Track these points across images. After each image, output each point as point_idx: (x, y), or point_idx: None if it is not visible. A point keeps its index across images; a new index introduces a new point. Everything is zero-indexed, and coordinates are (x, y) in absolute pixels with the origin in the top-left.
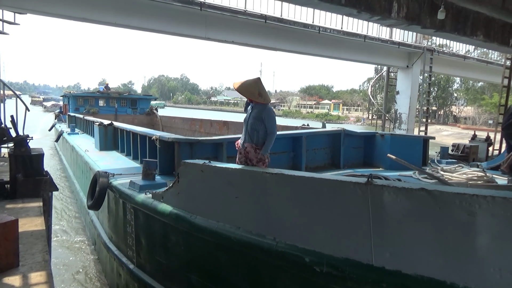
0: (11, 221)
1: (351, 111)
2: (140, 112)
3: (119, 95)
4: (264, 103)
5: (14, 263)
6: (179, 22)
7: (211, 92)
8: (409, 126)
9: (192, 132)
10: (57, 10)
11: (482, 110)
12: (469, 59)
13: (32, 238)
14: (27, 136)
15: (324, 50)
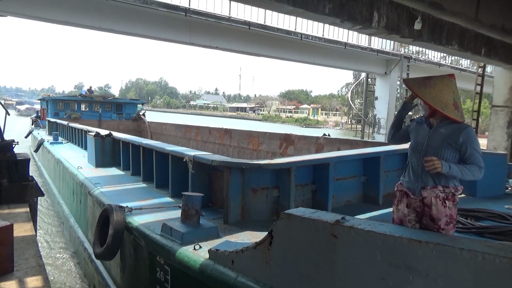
0: (6, 226)
1: (330, 115)
2: (126, 117)
3: (104, 99)
4: (459, 120)
5: (9, 268)
6: (164, 27)
7: (190, 96)
8: (387, 131)
9: (187, 141)
10: (40, 14)
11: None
12: (443, 66)
13: (23, 243)
14: (13, 141)
15: (306, 57)
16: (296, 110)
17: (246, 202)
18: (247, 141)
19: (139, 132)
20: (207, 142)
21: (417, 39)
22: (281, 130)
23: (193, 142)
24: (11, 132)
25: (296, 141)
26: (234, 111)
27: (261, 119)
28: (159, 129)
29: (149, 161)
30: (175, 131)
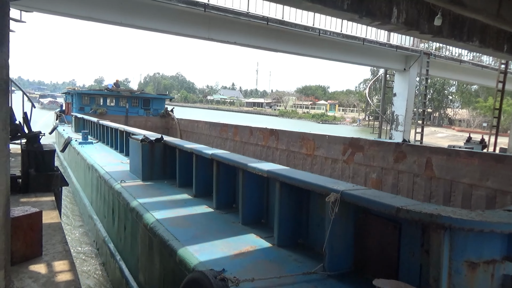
0: (35, 212)
1: (347, 112)
2: (153, 113)
3: (131, 94)
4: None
5: (38, 252)
6: (183, 23)
7: (207, 90)
8: (405, 128)
9: (222, 141)
10: (64, 9)
11: (476, 113)
12: (464, 63)
13: (50, 229)
14: (40, 132)
15: (324, 52)
16: (313, 106)
17: None
18: (299, 144)
19: (167, 129)
20: (247, 143)
21: (436, 35)
22: (298, 126)
23: (230, 142)
24: (36, 125)
25: (367, 147)
26: (250, 106)
27: (277, 115)
28: (190, 126)
29: (225, 182)
30: (208, 129)
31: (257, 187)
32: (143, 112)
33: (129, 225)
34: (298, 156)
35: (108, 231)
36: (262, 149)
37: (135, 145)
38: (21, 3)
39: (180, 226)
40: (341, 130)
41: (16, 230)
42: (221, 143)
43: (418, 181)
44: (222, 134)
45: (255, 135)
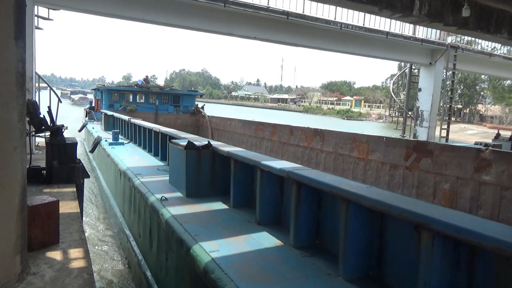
0: (53, 201)
1: (373, 108)
2: (183, 110)
3: (161, 90)
4: None
5: (55, 240)
6: (203, 18)
7: (232, 86)
8: (430, 124)
9: (258, 141)
10: (88, 7)
11: (510, 109)
12: (495, 56)
13: (68, 219)
14: (62, 125)
15: (346, 47)
16: (338, 102)
17: None
18: (349, 147)
19: (197, 127)
20: (286, 144)
21: (462, 27)
22: (322, 122)
23: (267, 143)
24: (66, 119)
25: (437, 152)
26: (275, 102)
27: (301, 111)
28: (222, 125)
29: (308, 206)
30: (242, 128)
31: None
32: (173, 109)
33: (173, 257)
34: (347, 160)
35: (144, 254)
36: (304, 151)
37: (178, 153)
38: (47, 1)
39: (254, 276)
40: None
41: (35, 218)
42: (257, 143)
43: (508, 196)
44: (258, 133)
45: (296, 135)
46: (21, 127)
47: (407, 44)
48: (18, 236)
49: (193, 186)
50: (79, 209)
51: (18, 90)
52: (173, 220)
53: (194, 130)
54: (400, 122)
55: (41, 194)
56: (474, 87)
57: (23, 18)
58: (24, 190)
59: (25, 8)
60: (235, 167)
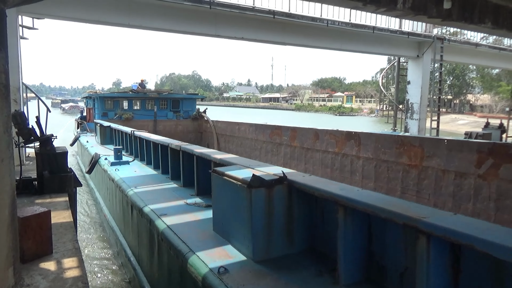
0: (44, 212)
1: (364, 102)
2: (184, 116)
3: (159, 95)
4: None
5: (48, 250)
6: (189, 21)
7: (223, 88)
8: (421, 116)
9: (274, 147)
10: (72, 14)
11: (499, 97)
12: (481, 46)
13: (62, 229)
14: (52, 135)
15: (333, 43)
16: (329, 99)
17: None
18: (395, 152)
19: (200, 133)
20: (311, 149)
21: (446, 19)
22: (315, 119)
23: (285, 149)
24: (59, 128)
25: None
26: (267, 101)
27: (294, 109)
28: (229, 130)
29: None
30: (254, 133)
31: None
32: (172, 115)
33: None
34: (394, 168)
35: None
36: (335, 157)
37: (233, 191)
38: (31, 10)
39: None
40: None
41: (26, 229)
42: (273, 149)
43: None
44: (274, 138)
45: (323, 139)
46: (7, 138)
47: (394, 37)
48: (9, 248)
49: (263, 243)
50: (72, 219)
51: (2, 102)
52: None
53: (196, 137)
54: (391, 115)
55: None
56: (463, 77)
57: (4, 29)
58: (14, 201)
59: (5, 19)
60: (345, 215)
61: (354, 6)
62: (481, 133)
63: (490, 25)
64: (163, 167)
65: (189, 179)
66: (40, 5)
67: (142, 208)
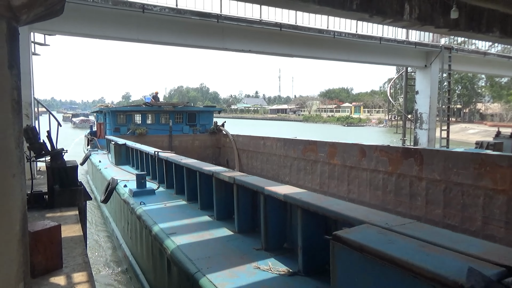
0: (54, 226)
1: (373, 113)
2: (201, 130)
3: (174, 108)
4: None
5: (58, 265)
6: (197, 35)
7: (230, 100)
8: (430, 126)
9: (308, 164)
10: (83, 30)
11: (509, 106)
12: (489, 55)
13: (71, 242)
14: (62, 149)
15: (340, 54)
16: (337, 109)
17: None
18: (474, 173)
19: (218, 148)
20: (356, 168)
21: (453, 29)
22: (323, 130)
23: (322, 167)
24: (70, 142)
25: None
26: (274, 113)
27: (301, 120)
28: (252, 145)
29: None
30: (283, 148)
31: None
32: (189, 129)
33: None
34: (472, 192)
35: None
36: (388, 178)
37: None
38: (43, 27)
39: None
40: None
41: (37, 243)
42: (306, 166)
43: None
44: (308, 154)
45: (372, 156)
46: (19, 154)
47: (401, 48)
48: (20, 263)
49: None
50: (82, 232)
51: (14, 117)
52: None
53: (215, 152)
54: (400, 125)
55: (44, 219)
56: (472, 86)
57: (17, 46)
58: (25, 216)
59: (18, 36)
60: None
61: (360, 17)
62: (492, 142)
63: (498, 34)
64: (202, 202)
65: (246, 222)
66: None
67: (189, 271)
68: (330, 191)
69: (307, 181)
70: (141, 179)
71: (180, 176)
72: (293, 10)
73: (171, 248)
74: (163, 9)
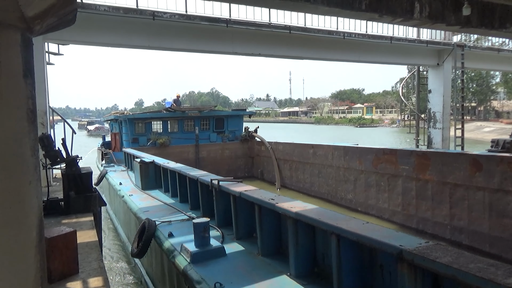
0: (70, 232)
1: (385, 113)
2: (231, 137)
3: (200, 113)
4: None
5: (74, 270)
6: (207, 40)
7: (242, 104)
8: (444, 125)
9: (385, 180)
10: (95, 39)
11: None
12: (503, 51)
13: (87, 248)
14: (77, 156)
15: (351, 55)
16: (349, 110)
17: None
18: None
19: (251, 158)
20: (464, 186)
21: (465, 26)
22: (335, 131)
23: (407, 183)
24: (84, 148)
25: None
26: (286, 115)
27: (313, 122)
28: (298, 154)
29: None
30: (343, 159)
31: None
32: (216, 136)
33: None
34: None
35: None
36: (501, 198)
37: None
38: (56, 37)
39: None
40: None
41: (53, 249)
42: (380, 182)
43: None
44: (382, 167)
45: (492, 170)
46: (35, 161)
47: (412, 47)
48: (37, 269)
49: None
50: (97, 238)
51: (29, 126)
52: None
53: (247, 163)
54: (413, 125)
55: (60, 225)
56: (487, 83)
57: (31, 56)
58: (41, 222)
59: (32, 46)
60: None
61: (370, 17)
62: (508, 140)
63: None
64: None
65: None
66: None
67: None
68: (419, 215)
69: (381, 201)
70: (203, 230)
71: (269, 222)
72: (302, 13)
73: None
74: (173, 16)
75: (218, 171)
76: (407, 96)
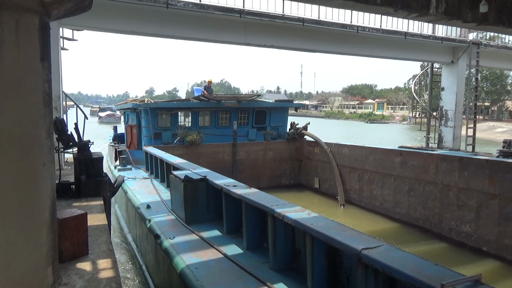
0: (81, 214)
1: (396, 110)
2: (274, 135)
3: (239, 103)
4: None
5: (84, 251)
6: (220, 30)
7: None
8: (456, 124)
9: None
10: (109, 25)
11: None
12: None
13: (97, 231)
14: (89, 141)
15: (364, 50)
16: (360, 106)
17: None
18: None
19: (299, 161)
20: None
21: (482, 23)
22: (344, 126)
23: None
24: (96, 139)
25: None
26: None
27: (323, 116)
28: (373, 162)
29: None
30: (456, 174)
31: None
32: (256, 133)
33: None
34: None
35: None
36: None
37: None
38: (71, 22)
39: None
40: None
41: (65, 230)
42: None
43: None
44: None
45: None
46: (49, 144)
47: (426, 43)
48: (49, 248)
49: None
50: (107, 221)
51: (45, 109)
52: None
53: (293, 167)
54: (424, 123)
55: (71, 208)
56: (500, 82)
57: (48, 40)
58: (54, 204)
59: (49, 31)
60: None
61: (384, 12)
62: None
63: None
64: None
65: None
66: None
67: None
68: None
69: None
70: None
71: None
72: (316, 5)
73: None
74: (187, 4)
75: (259, 177)
76: (419, 93)
